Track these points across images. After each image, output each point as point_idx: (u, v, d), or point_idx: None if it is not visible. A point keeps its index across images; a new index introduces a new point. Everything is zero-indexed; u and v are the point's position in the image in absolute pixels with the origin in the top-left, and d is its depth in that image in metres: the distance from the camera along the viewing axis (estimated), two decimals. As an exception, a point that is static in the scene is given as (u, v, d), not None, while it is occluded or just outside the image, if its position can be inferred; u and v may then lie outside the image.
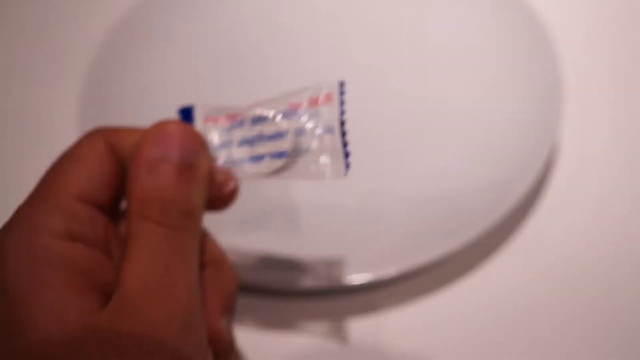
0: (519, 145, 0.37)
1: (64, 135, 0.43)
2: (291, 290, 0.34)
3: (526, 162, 0.35)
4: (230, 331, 0.25)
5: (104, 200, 0.24)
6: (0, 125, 0.46)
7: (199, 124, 0.25)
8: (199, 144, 0.24)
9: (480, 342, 0.32)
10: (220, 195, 0.25)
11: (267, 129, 0.24)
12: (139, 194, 0.23)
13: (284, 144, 0.23)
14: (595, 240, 0.35)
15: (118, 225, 0.24)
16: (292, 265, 0.34)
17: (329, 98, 0.23)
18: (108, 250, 0.23)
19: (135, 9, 0.47)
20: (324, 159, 0.23)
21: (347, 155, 0.23)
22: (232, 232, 0.33)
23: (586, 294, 0.33)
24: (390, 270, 0.32)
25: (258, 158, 0.24)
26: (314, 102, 0.24)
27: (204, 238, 0.25)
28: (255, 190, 0.34)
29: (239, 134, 0.24)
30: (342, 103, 0.23)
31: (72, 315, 0.20)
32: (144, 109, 0.43)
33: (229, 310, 0.25)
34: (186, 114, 0.25)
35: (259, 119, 0.24)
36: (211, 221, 0.26)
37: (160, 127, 0.24)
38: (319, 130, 0.23)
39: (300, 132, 0.23)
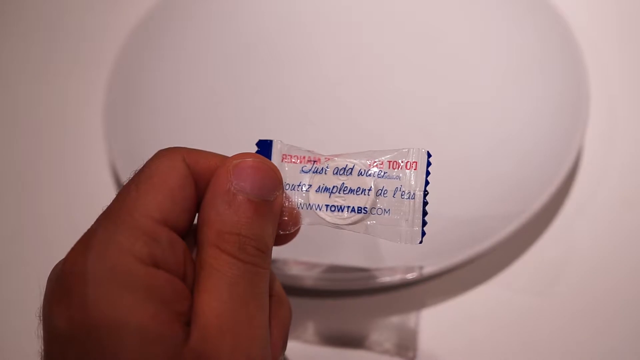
0: (545, 147, 0.38)
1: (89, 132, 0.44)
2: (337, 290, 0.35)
3: (554, 164, 0.37)
4: None
5: (183, 225, 0.23)
6: (29, 125, 0.46)
7: (275, 159, 0.26)
8: (277, 181, 0.24)
9: (503, 343, 0.34)
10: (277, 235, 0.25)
11: (350, 182, 0.24)
12: (216, 225, 0.23)
13: (366, 201, 0.24)
14: (622, 241, 0.37)
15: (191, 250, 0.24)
16: (334, 268, 0.35)
17: (413, 164, 0.24)
18: (184, 276, 0.23)
19: (159, 9, 0.47)
20: (402, 224, 0.24)
21: (424, 224, 0.24)
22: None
23: (614, 295, 0.35)
24: (414, 272, 0.33)
25: (336, 208, 0.25)
26: (396, 165, 0.24)
27: (272, 274, 0.26)
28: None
29: (318, 180, 0.25)
30: (427, 174, 0.24)
31: (158, 349, 0.20)
32: (167, 105, 0.44)
33: (286, 344, 0.26)
34: (264, 147, 0.26)
35: (342, 171, 0.25)
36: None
37: (241, 159, 0.24)
38: (400, 194, 0.24)
39: (382, 191, 0.24)
